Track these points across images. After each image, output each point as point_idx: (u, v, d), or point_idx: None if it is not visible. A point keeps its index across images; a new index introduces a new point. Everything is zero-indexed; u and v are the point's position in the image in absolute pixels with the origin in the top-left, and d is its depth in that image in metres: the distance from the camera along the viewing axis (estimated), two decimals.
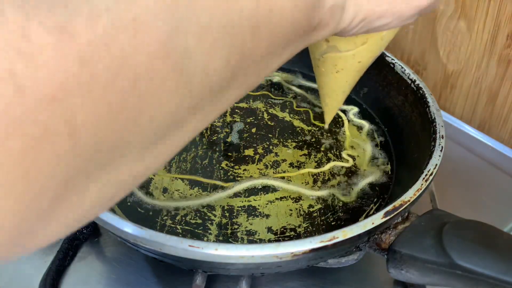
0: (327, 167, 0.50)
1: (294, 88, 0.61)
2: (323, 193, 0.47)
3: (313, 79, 0.63)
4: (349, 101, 0.60)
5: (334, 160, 0.51)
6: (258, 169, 0.49)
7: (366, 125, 0.56)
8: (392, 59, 0.55)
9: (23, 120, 0.13)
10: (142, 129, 0.16)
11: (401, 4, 0.29)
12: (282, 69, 0.65)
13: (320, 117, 0.57)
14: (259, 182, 0.48)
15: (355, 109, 0.58)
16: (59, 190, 0.15)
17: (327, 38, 0.36)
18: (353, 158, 0.51)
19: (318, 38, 0.26)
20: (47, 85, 0.13)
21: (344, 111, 0.58)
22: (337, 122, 0.56)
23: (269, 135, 0.54)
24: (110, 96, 0.15)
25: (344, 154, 0.52)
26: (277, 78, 0.63)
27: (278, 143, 0.53)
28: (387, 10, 0.29)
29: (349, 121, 0.57)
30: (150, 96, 0.16)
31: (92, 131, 0.14)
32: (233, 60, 0.19)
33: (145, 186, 0.47)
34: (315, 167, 0.50)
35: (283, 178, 0.48)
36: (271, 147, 0.52)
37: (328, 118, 0.47)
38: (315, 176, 0.49)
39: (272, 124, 0.56)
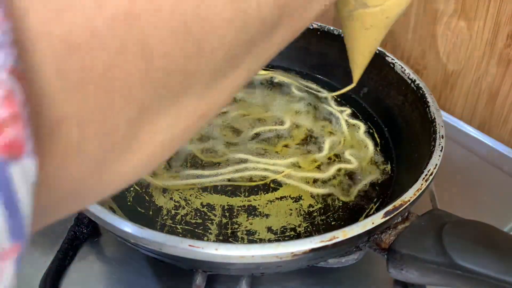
0: (332, 170, 0.50)
1: (293, 88, 0.61)
2: (323, 190, 0.47)
3: (313, 78, 0.63)
4: (348, 100, 0.60)
5: (335, 161, 0.51)
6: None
7: (361, 125, 0.56)
8: (392, 59, 0.55)
9: (103, 34, 0.13)
10: (205, 60, 0.16)
11: None
12: (281, 68, 0.65)
13: (321, 116, 0.57)
14: (260, 173, 0.48)
15: (348, 111, 0.58)
16: (134, 117, 0.15)
17: None
18: (356, 158, 0.51)
19: None
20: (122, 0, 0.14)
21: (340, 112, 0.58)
22: (335, 122, 0.56)
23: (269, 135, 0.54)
24: (175, 20, 0.15)
25: (347, 155, 0.52)
26: (277, 78, 0.63)
27: (278, 142, 0.53)
28: None
29: (346, 122, 0.57)
30: (210, 23, 0.16)
31: (162, 54, 0.15)
32: None
33: (145, 187, 0.47)
34: (316, 167, 0.50)
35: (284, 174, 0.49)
36: (271, 146, 0.52)
37: (356, 77, 0.47)
38: (315, 177, 0.49)
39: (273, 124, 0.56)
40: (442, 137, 0.44)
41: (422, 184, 0.39)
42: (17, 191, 0.11)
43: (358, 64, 0.45)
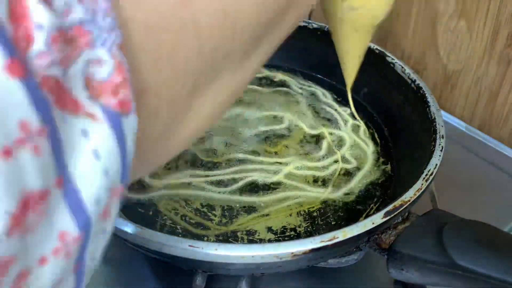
0: (332, 170, 0.50)
1: (293, 87, 0.61)
2: (323, 190, 0.47)
3: (313, 79, 0.63)
4: (348, 100, 0.60)
5: (334, 161, 0.51)
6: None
7: (361, 125, 0.56)
8: (392, 59, 0.55)
9: (168, 16, 0.16)
10: (237, 39, 0.19)
11: None
12: (282, 68, 0.65)
13: (320, 116, 0.57)
14: (260, 173, 0.48)
15: (348, 111, 0.58)
16: (190, 89, 0.18)
17: None
18: (356, 158, 0.51)
19: None
20: None
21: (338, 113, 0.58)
22: (335, 122, 0.56)
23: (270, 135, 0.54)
24: (217, 3, 0.18)
25: (347, 155, 0.52)
26: (277, 78, 0.63)
27: (278, 142, 0.53)
28: None
29: (345, 122, 0.57)
30: (241, 5, 0.19)
31: (209, 34, 0.18)
32: None
33: (146, 187, 0.47)
34: (315, 167, 0.50)
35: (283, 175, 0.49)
36: (271, 146, 0.52)
37: (350, 81, 0.48)
38: (315, 176, 0.49)
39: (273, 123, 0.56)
40: (443, 137, 0.44)
41: (422, 184, 0.38)
42: (126, 140, 0.14)
43: (352, 67, 0.46)
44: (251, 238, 0.42)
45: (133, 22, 0.15)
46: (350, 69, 0.46)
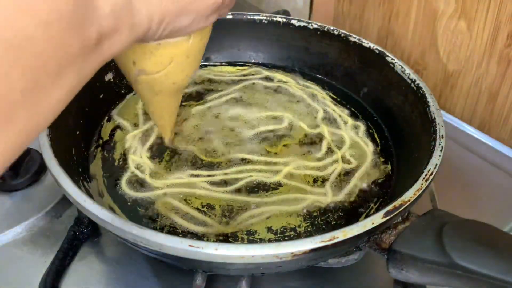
0: (332, 170, 0.50)
1: (293, 87, 0.61)
2: (323, 190, 0.47)
3: (313, 78, 0.63)
4: (348, 100, 0.60)
5: (334, 161, 0.51)
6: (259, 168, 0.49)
7: (361, 125, 0.56)
8: (392, 59, 0.55)
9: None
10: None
11: (197, 1, 0.31)
12: (281, 68, 0.65)
13: (320, 116, 0.57)
14: (260, 173, 0.48)
15: (348, 111, 0.58)
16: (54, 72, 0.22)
17: (134, 61, 0.35)
18: (356, 158, 0.51)
19: (114, 50, 0.26)
20: None
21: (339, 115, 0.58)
22: (335, 122, 0.56)
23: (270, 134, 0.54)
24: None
25: (347, 155, 0.52)
26: (277, 78, 0.63)
27: (278, 142, 0.53)
28: (184, 7, 0.31)
29: (345, 122, 0.57)
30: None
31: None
32: None
33: (145, 187, 0.47)
34: (315, 167, 0.50)
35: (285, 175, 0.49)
36: (271, 146, 0.52)
37: (166, 136, 0.47)
38: (315, 176, 0.49)
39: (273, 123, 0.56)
40: (442, 137, 0.44)
41: (422, 184, 0.39)
42: None
43: (161, 125, 0.44)
44: (251, 238, 0.42)
45: None
46: (161, 126, 0.44)
